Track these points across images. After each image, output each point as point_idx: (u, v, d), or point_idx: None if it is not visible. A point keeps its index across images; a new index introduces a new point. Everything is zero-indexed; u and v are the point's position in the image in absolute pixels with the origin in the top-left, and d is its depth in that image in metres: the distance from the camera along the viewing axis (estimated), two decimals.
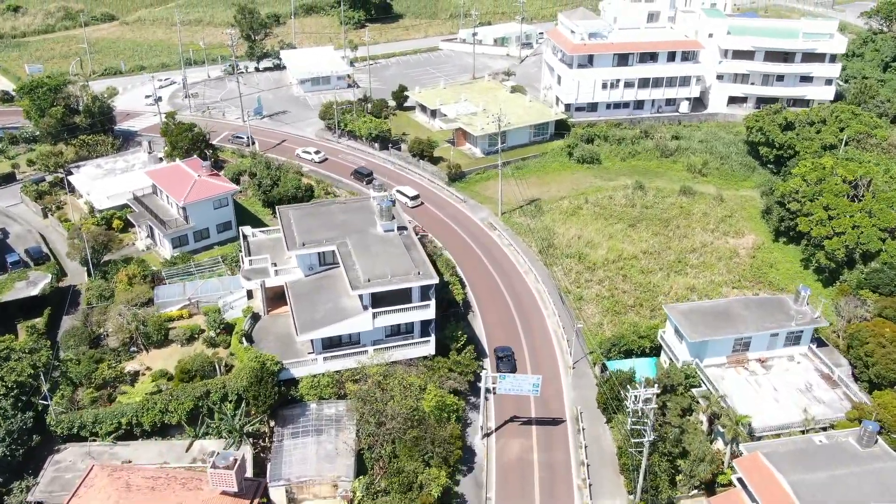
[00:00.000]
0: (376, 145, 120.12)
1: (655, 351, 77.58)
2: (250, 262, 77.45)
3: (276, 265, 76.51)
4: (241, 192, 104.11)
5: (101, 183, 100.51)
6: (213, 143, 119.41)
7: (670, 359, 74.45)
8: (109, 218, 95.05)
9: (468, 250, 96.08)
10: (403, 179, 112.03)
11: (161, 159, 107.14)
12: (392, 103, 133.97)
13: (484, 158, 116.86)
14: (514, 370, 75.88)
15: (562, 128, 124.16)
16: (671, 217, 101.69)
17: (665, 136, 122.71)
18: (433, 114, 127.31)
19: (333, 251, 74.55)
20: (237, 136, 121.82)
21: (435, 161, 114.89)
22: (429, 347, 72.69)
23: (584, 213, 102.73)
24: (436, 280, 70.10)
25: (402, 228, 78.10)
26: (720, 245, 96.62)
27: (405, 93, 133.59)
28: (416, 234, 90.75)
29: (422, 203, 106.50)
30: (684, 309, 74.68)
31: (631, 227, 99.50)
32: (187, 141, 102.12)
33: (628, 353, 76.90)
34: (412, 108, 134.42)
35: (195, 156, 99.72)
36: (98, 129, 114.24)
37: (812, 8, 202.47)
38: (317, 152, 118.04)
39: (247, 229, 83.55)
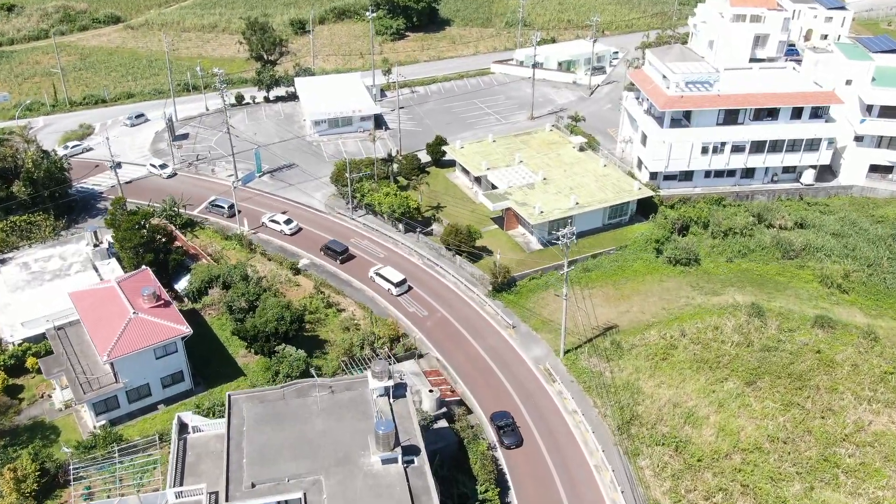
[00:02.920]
0: (400, 226, 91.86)
1: None
2: (177, 494, 50.60)
3: (216, 497, 49.74)
4: (211, 305, 77.57)
5: (22, 296, 74.61)
6: (192, 214, 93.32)
7: None
8: (22, 356, 69.21)
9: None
10: (432, 283, 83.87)
11: (109, 246, 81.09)
12: (426, 157, 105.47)
13: (540, 253, 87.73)
14: (520, 443, 63.86)
15: (646, 203, 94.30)
16: (805, 371, 71.55)
17: (786, 222, 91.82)
18: (477, 179, 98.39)
19: (300, 500, 47.26)
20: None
21: (476, 255, 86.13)
22: None
23: (679, 357, 73.24)
24: None
25: (409, 453, 50.09)
26: (883, 427, 66.18)
27: (442, 146, 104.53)
28: (441, 406, 63.23)
29: (410, 288, 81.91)
30: None
31: (749, 386, 69.82)
32: (138, 239, 75.18)
33: None
34: (451, 164, 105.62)
35: (145, 266, 72.71)
36: (40, 202, 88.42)
37: None
38: (287, 221, 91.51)
39: (186, 417, 56.69)
